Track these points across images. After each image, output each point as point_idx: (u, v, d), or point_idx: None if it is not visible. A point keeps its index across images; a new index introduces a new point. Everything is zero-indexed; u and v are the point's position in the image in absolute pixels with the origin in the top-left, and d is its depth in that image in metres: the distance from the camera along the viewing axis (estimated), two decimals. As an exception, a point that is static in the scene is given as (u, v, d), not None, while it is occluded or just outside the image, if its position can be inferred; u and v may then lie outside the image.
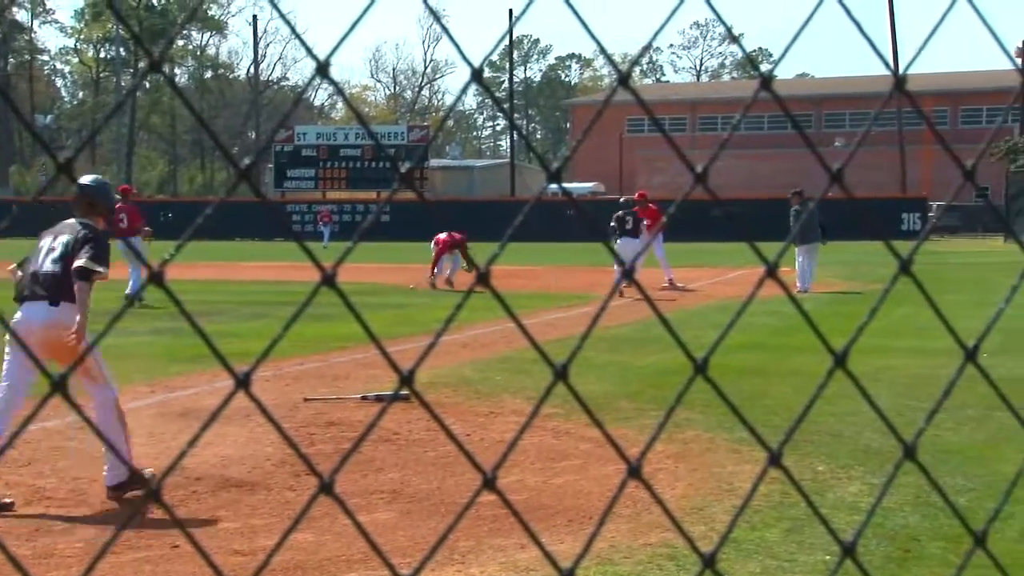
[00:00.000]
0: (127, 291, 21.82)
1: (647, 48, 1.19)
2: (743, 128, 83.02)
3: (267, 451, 9.12)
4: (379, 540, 5.41)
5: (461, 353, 14.65)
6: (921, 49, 1.32)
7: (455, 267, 26.51)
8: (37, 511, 7.47)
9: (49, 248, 7.94)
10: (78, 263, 7.69)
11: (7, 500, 7.60)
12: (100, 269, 7.77)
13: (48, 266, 7.84)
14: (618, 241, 25.42)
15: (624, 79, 1.04)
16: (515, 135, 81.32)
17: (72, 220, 8.11)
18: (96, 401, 7.95)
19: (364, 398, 11.42)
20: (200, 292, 21.77)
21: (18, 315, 7.88)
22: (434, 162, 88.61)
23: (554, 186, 1.10)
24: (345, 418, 10.59)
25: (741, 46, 1.18)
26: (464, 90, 1.14)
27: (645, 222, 25.83)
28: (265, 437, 9.47)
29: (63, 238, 7.94)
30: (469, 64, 1.08)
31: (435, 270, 26.42)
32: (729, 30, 1.21)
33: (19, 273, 8.05)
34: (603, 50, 1.09)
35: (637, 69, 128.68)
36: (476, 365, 13.74)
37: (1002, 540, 6.53)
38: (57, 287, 7.77)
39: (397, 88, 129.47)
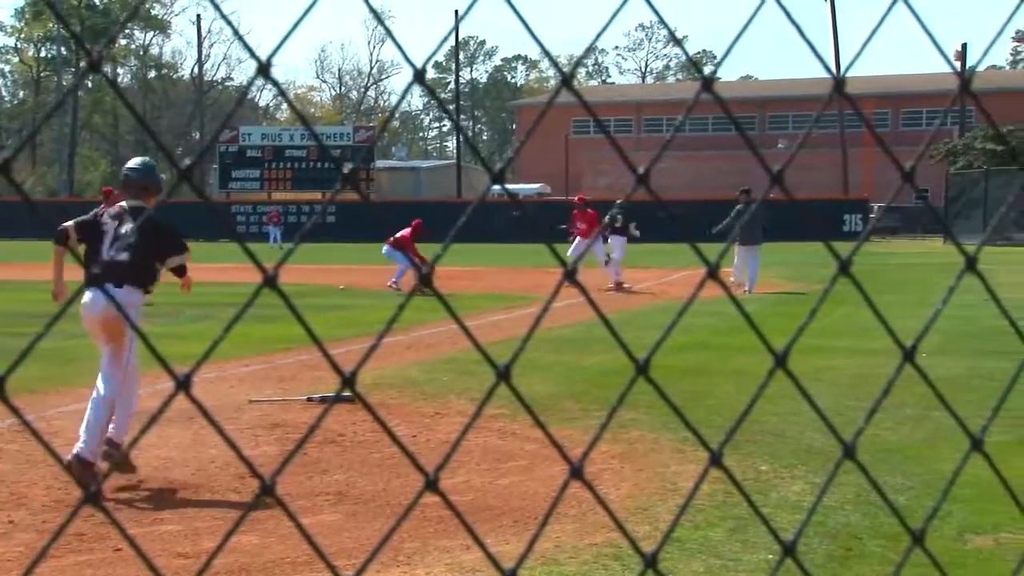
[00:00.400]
0: None
1: (590, 49, 1.19)
2: (687, 129, 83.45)
3: (211, 453, 9.05)
4: (324, 542, 5.35)
5: (406, 354, 14.62)
6: (860, 51, 1.33)
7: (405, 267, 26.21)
8: (-24, 515, 7.38)
9: (115, 235, 8.45)
10: (174, 263, 8.64)
11: None
12: (188, 255, 8.76)
13: (121, 255, 8.25)
14: (608, 239, 26.53)
15: (567, 80, 1.04)
16: (461, 137, 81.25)
17: (124, 203, 8.61)
18: (110, 380, 8.30)
19: (310, 400, 11.37)
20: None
21: (85, 297, 8.35)
22: (380, 163, 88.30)
23: (498, 187, 1.10)
24: (291, 420, 10.54)
25: (684, 49, 1.19)
26: (407, 91, 1.14)
27: (580, 226, 26.65)
28: (209, 439, 9.40)
29: (128, 226, 8.47)
30: (412, 65, 1.08)
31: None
32: (672, 33, 1.22)
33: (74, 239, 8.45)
34: (545, 51, 1.10)
35: (583, 70, 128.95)
36: (422, 366, 13.72)
37: (940, 538, 6.61)
38: (124, 274, 8.23)
39: (343, 88, 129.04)
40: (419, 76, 1.07)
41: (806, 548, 6.46)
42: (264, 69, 0.98)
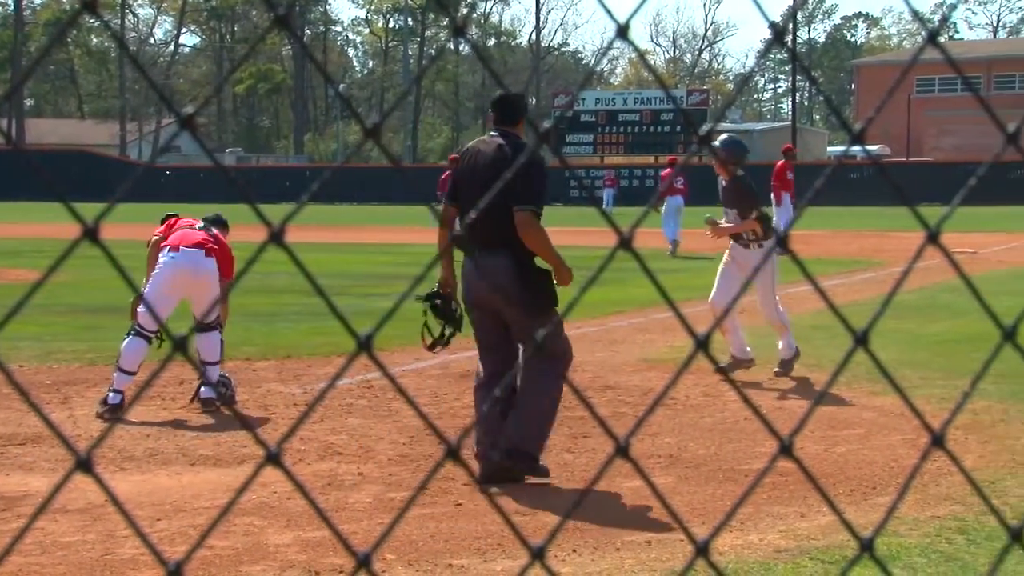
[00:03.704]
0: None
1: (955, 7, 1.14)
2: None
3: (546, 413, 9.24)
4: (656, 505, 5.35)
5: (738, 318, 14.45)
6: None
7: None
8: (328, 466, 7.80)
9: None
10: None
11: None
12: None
13: None
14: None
15: (933, 35, 1.00)
16: (813, 95, 79.47)
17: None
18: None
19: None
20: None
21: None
22: (709, 126, 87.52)
23: (857, 148, 1.07)
24: (621, 382, 10.64)
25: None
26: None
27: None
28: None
29: None
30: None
31: None
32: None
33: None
34: (913, 10, 1.05)
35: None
36: (755, 331, 13.53)
37: None
38: None
39: (676, 52, 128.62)
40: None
41: None
42: (623, 31, 0.98)
